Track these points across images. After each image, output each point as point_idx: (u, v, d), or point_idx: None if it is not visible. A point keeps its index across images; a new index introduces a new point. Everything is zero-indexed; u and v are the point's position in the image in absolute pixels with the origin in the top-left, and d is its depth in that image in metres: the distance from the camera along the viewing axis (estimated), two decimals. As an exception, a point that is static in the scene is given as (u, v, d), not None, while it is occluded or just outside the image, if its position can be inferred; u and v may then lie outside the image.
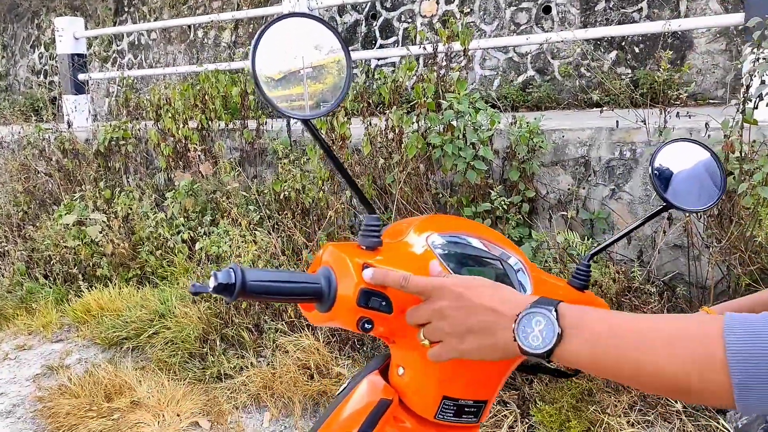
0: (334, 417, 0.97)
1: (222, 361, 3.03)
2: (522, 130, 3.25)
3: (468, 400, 0.90)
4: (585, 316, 0.69)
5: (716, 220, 2.84)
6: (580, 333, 0.67)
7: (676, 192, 1.05)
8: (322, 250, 0.89)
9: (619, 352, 0.64)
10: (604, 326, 0.66)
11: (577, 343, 0.66)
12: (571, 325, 0.68)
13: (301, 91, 0.89)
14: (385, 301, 0.82)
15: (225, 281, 0.78)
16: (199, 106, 4.40)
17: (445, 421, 0.90)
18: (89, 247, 4.18)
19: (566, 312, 0.69)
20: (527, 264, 0.98)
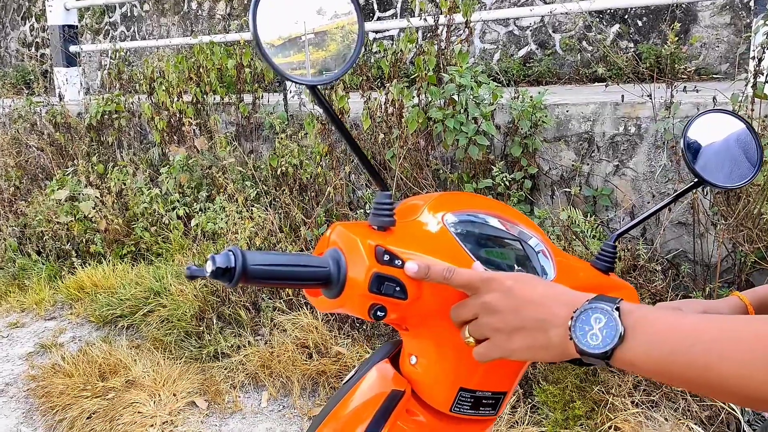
0: (341, 408, 0.91)
1: (219, 340, 2.98)
2: (525, 105, 3.17)
3: (486, 391, 0.84)
4: (650, 315, 0.62)
5: (723, 196, 2.79)
6: (644, 333, 0.61)
7: (708, 167, 0.97)
8: (329, 230, 0.81)
9: (689, 357, 0.58)
10: (671, 327, 0.60)
11: (640, 345, 0.60)
12: (635, 324, 0.61)
13: (303, 58, 0.81)
14: (399, 286, 0.76)
15: (224, 265, 0.71)
16: (194, 79, 4.29)
17: (462, 414, 0.84)
18: (82, 223, 4.10)
19: (629, 310, 0.63)
20: (549, 245, 0.91)
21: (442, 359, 0.83)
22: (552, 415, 2.33)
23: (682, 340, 0.59)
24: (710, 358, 0.56)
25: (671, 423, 2.27)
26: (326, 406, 0.95)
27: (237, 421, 2.61)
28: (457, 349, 0.81)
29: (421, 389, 0.85)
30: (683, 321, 0.61)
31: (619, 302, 0.63)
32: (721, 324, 0.58)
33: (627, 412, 2.31)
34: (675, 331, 0.60)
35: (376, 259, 0.75)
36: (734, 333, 0.57)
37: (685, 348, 0.58)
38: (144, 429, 2.53)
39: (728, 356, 0.56)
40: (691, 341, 0.58)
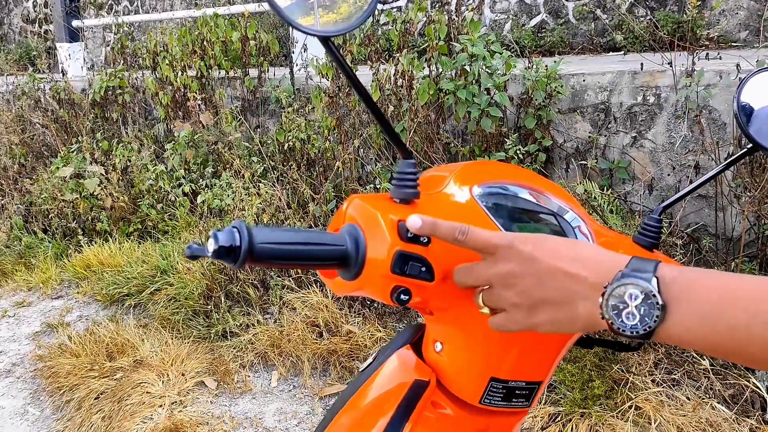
0: (360, 397, 0.83)
1: (227, 319, 2.92)
2: (539, 75, 3.06)
3: (519, 381, 0.76)
4: (698, 282, 0.53)
5: (747, 168, 2.68)
6: (689, 305, 0.52)
7: (764, 131, 0.87)
8: (346, 204, 0.73)
9: (750, 333, 0.49)
10: (725, 297, 0.51)
11: (688, 319, 0.52)
12: (678, 295, 0.53)
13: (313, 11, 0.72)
14: (425, 266, 0.67)
15: (227, 243, 0.61)
16: (198, 52, 4.19)
17: (492, 406, 0.76)
18: (88, 200, 4.04)
19: (672, 278, 0.53)
20: (587, 218, 0.82)
21: (470, 346, 0.74)
22: (570, 395, 2.27)
23: (742, 313, 0.50)
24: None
25: (693, 402, 2.20)
26: (343, 394, 0.88)
27: (247, 401, 2.56)
28: (487, 335, 0.72)
29: (447, 379, 0.77)
30: (739, 288, 0.52)
31: (658, 268, 0.54)
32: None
33: (648, 391, 2.23)
34: (731, 301, 0.51)
35: (399, 236, 0.66)
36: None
37: (745, 322, 0.50)
38: (153, 409, 2.48)
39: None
40: (753, 313, 0.50)
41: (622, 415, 2.16)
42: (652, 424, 2.10)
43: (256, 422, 2.43)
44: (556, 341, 0.77)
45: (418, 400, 0.74)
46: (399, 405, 0.75)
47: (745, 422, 2.12)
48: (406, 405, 0.74)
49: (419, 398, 0.75)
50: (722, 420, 2.12)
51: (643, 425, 2.12)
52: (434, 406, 0.77)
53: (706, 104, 2.80)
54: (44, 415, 2.62)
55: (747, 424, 2.11)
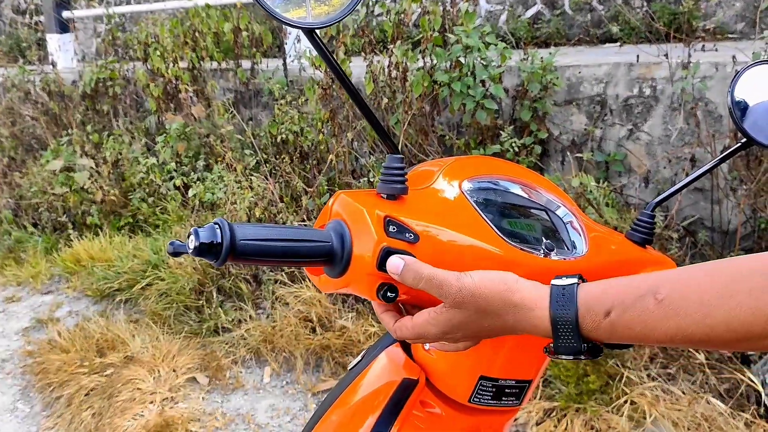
0: (349, 395, 0.81)
1: (219, 314, 2.89)
2: (535, 67, 3.03)
3: (509, 380, 0.74)
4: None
5: (743, 161, 2.66)
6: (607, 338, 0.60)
7: (758, 125, 0.85)
8: (332, 200, 0.70)
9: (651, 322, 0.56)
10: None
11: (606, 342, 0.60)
12: (597, 334, 0.60)
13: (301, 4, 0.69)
14: None
15: (208, 240, 0.60)
16: (190, 44, 4.14)
17: (482, 405, 0.74)
18: (78, 194, 3.99)
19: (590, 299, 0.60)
20: (579, 214, 0.80)
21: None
22: (565, 390, 2.25)
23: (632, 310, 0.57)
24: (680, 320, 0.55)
25: (689, 397, 2.19)
26: (332, 391, 0.86)
27: (239, 398, 2.54)
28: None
29: (436, 378, 0.75)
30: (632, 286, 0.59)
31: (579, 325, 0.60)
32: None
33: (643, 385, 2.22)
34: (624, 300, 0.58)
35: (386, 232, 0.64)
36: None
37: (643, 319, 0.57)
38: (144, 406, 2.46)
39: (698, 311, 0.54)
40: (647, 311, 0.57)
41: (618, 410, 2.15)
42: (647, 419, 2.08)
43: (248, 418, 2.41)
44: (546, 340, 0.74)
45: (406, 399, 0.72)
46: (387, 404, 0.72)
47: (740, 416, 2.11)
48: (394, 404, 0.72)
49: (408, 397, 0.73)
50: (717, 414, 2.11)
51: (638, 420, 2.11)
52: (423, 405, 0.75)
53: (702, 96, 2.77)
54: (34, 412, 2.59)
55: (742, 419, 2.10)
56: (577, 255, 0.76)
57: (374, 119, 0.69)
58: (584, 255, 0.76)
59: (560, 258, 0.74)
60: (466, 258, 0.68)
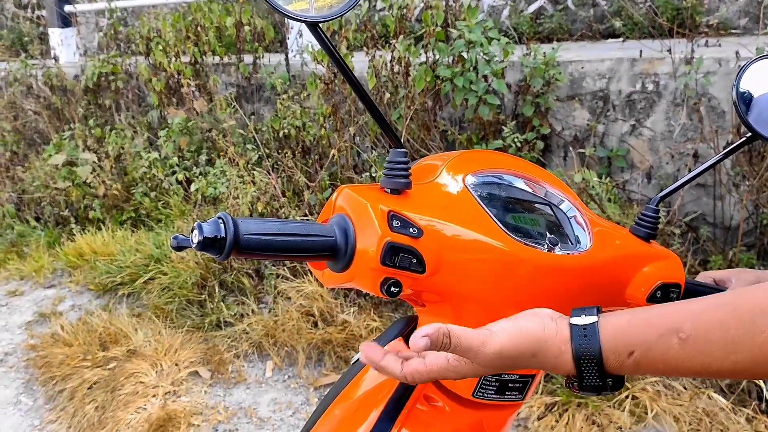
0: (352, 389, 0.82)
1: (221, 308, 2.89)
2: (537, 62, 3.03)
3: (513, 374, 0.74)
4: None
5: (746, 156, 2.66)
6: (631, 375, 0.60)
7: (762, 119, 0.85)
8: (335, 194, 0.70)
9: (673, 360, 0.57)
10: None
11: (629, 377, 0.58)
12: (621, 371, 0.59)
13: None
14: (416, 258, 0.65)
15: (212, 235, 0.60)
16: (192, 38, 4.13)
17: (485, 399, 0.74)
18: (80, 188, 3.99)
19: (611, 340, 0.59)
20: (582, 209, 0.80)
21: None
22: (567, 385, 2.25)
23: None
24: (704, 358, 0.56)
25: (690, 392, 2.19)
26: (335, 385, 0.86)
27: (241, 392, 2.54)
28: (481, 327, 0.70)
29: None
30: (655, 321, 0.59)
31: (604, 364, 0.59)
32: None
33: (645, 381, 2.22)
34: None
35: (390, 227, 0.64)
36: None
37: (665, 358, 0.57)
38: (146, 399, 2.46)
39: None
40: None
41: (619, 405, 2.15)
42: (649, 414, 2.09)
43: (251, 412, 2.42)
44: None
45: (410, 393, 0.72)
46: (390, 398, 0.73)
47: (741, 412, 2.11)
48: (398, 399, 0.72)
49: (411, 392, 0.73)
50: (719, 410, 2.11)
51: (639, 415, 2.11)
52: (427, 399, 0.75)
53: (705, 92, 2.77)
54: (37, 405, 2.60)
55: (743, 414, 2.10)
56: (581, 250, 0.76)
57: (378, 113, 0.69)
58: (588, 249, 0.76)
59: (564, 253, 0.74)
60: (470, 253, 0.68)
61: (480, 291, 0.70)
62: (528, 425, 2.18)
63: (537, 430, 2.15)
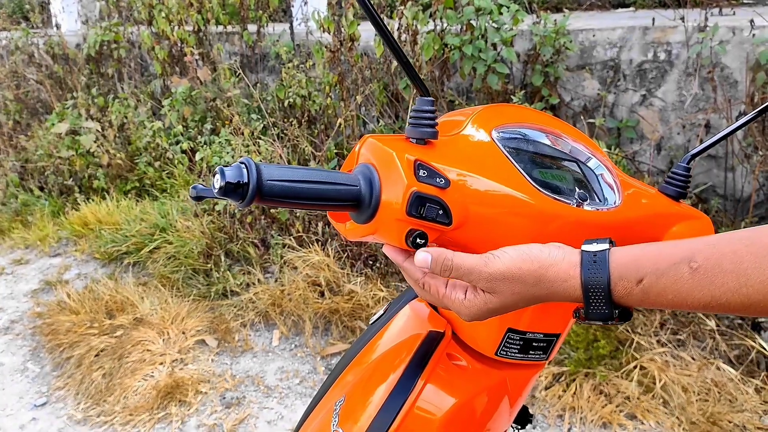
0: (369, 349, 0.80)
1: (227, 278, 2.88)
2: (547, 30, 2.97)
3: (537, 333, 0.72)
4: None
5: (759, 127, 2.62)
6: (640, 304, 0.59)
7: None
8: (358, 144, 0.68)
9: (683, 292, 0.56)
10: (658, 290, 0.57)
11: (639, 308, 0.59)
12: (629, 300, 0.59)
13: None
14: (443, 209, 0.63)
15: (235, 180, 0.58)
16: (195, 5, 4.07)
17: (509, 358, 0.73)
18: (84, 157, 3.97)
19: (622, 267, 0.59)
20: (612, 166, 0.77)
21: None
22: (575, 355, 2.24)
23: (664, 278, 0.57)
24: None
25: (699, 362, 2.18)
26: (351, 349, 0.84)
27: (248, 360, 2.54)
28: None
29: (462, 330, 0.73)
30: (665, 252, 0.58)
31: (611, 292, 0.59)
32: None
33: (653, 351, 2.22)
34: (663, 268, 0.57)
35: (416, 177, 0.62)
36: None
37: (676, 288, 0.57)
38: (153, 367, 2.47)
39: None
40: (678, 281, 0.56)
41: (627, 375, 2.14)
42: (657, 384, 2.08)
43: (258, 380, 2.42)
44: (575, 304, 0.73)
45: (433, 351, 0.71)
46: (414, 356, 0.71)
47: (750, 382, 2.11)
48: (421, 356, 0.71)
49: (435, 350, 0.71)
50: (728, 380, 2.10)
51: (647, 385, 2.11)
52: (450, 357, 0.73)
53: (718, 61, 2.72)
54: (44, 372, 2.60)
55: (752, 384, 2.10)
56: (610, 206, 0.73)
57: (406, 61, 0.66)
58: (617, 207, 0.74)
59: (593, 209, 0.72)
60: (498, 205, 0.66)
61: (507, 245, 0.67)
62: (536, 395, 2.18)
63: (545, 399, 2.15)
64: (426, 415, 0.71)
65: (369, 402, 0.72)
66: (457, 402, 0.71)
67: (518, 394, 0.77)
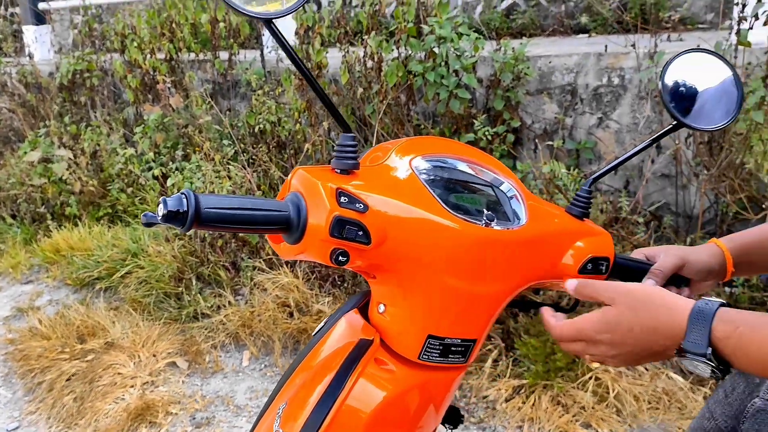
0: (312, 357, 0.88)
1: (198, 300, 2.94)
2: (507, 57, 3.10)
3: (455, 338, 0.81)
4: (745, 339, 0.68)
5: (706, 146, 2.76)
6: (741, 360, 0.69)
7: (686, 109, 0.94)
8: (291, 175, 0.77)
9: None
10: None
11: (742, 366, 0.69)
12: (732, 353, 0.69)
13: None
14: (362, 230, 0.72)
15: (175, 208, 0.67)
16: (167, 35, 4.15)
17: (430, 362, 0.81)
18: (56, 185, 4.01)
19: (723, 337, 0.69)
20: (522, 190, 0.87)
21: (409, 306, 0.79)
22: (533, 368, 2.33)
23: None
24: None
25: (651, 373, 2.28)
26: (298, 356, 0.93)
27: (218, 381, 2.59)
28: (424, 295, 0.78)
29: (389, 337, 0.82)
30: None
31: (712, 331, 0.68)
32: None
33: (608, 363, 2.31)
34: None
35: (338, 203, 0.71)
36: None
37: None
38: (124, 390, 2.51)
39: None
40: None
41: (583, 386, 2.24)
42: (611, 394, 2.17)
43: (228, 400, 2.47)
44: (491, 303, 0.82)
45: (361, 356, 0.79)
46: (344, 361, 0.79)
47: (699, 391, 2.21)
48: (350, 361, 0.79)
49: (363, 355, 0.79)
50: (678, 389, 2.20)
51: (602, 395, 2.20)
52: (378, 362, 0.82)
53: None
54: (16, 397, 2.62)
55: (701, 393, 2.20)
56: (517, 225, 0.83)
57: (328, 101, 0.76)
58: (524, 225, 0.83)
59: (502, 228, 0.81)
60: (413, 226, 0.75)
61: (422, 261, 0.76)
62: (496, 407, 2.26)
63: (505, 411, 2.23)
64: (356, 410, 0.79)
65: (307, 403, 0.80)
66: (384, 399, 0.80)
67: (443, 394, 0.86)
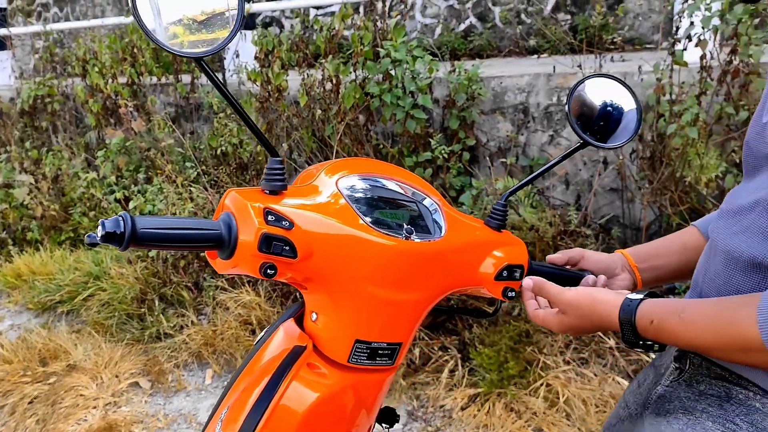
0: (252, 365, 0.95)
1: (161, 321, 2.97)
2: (461, 78, 3.22)
3: (381, 342, 0.89)
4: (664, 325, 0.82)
5: (648, 161, 2.90)
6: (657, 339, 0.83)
7: (593, 129, 1.04)
8: (224, 196, 0.85)
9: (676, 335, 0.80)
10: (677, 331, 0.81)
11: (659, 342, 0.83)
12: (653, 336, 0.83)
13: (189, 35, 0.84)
14: (288, 245, 0.79)
15: (112, 230, 0.74)
16: (128, 59, 4.20)
17: (359, 365, 0.89)
18: (17, 210, 4.01)
19: (645, 325, 0.83)
20: (443, 205, 0.96)
21: (338, 314, 0.87)
22: (488, 377, 2.42)
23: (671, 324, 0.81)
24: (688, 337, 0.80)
25: (599, 378, 2.38)
26: (241, 365, 0.99)
27: (181, 399, 2.62)
28: (352, 303, 0.85)
29: (321, 343, 0.89)
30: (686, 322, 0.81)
31: (636, 324, 0.83)
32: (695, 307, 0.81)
33: (558, 369, 2.41)
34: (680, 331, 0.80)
35: (266, 221, 0.78)
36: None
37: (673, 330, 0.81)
38: (87, 411, 2.52)
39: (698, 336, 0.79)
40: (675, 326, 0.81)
41: (535, 392, 2.32)
42: (560, 399, 2.27)
43: (191, 418, 2.50)
44: (414, 309, 0.90)
45: (295, 361, 0.86)
46: (279, 366, 0.86)
47: (645, 394, 2.31)
48: (284, 366, 0.86)
49: (296, 360, 0.87)
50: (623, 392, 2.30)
51: (552, 401, 2.29)
52: (311, 367, 0.89)
53: (611, 103, 3.00)
54: (-24, 424, 2.62)
55: (647, 396, 2.30)
56: (437, 237, 0.91)
57: (256, 129, 0.84)
58: (443, 237, 0.91)
59: (421, 240, 0.89)
60: (337, 241, 0.83)
61: (347, 273, 0.84)
62: (453, 415, 2.33)
63: (461, 419, 2.31)
64: (290, 410, 0.86)
65: (245, 406, 0.87)
66: (317, 400, 0.87)
67: (374, 394, 0.93)
